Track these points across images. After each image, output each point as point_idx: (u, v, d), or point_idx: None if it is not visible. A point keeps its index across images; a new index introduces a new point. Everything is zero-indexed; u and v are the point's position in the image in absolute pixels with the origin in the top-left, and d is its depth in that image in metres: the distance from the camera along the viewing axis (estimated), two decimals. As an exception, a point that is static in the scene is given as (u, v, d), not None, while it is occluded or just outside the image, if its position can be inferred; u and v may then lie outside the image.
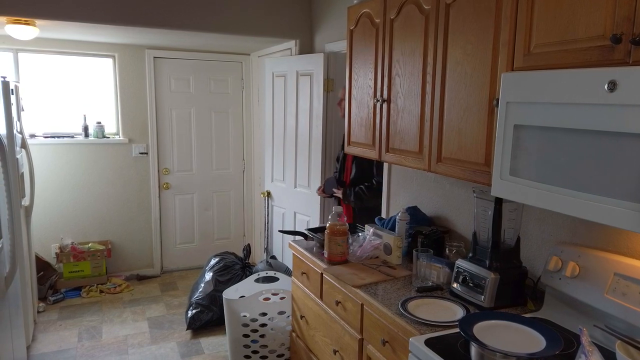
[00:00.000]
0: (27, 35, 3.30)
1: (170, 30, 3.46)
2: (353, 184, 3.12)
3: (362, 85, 2.43)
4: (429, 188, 2.57)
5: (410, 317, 1.70)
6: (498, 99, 1.55)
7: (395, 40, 2.15)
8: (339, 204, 3.19)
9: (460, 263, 1.89)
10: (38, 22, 3.19)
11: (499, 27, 1.60)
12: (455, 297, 1.89)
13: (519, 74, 1.46)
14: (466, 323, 1.46)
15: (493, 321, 1.51)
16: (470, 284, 1.82)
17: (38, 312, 3.81)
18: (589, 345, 1.19)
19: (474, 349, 1.37)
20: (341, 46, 3.30)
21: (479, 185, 1.83)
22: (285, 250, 4.08)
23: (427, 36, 1.94)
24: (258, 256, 4.78)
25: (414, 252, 2.04)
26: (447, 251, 2.17)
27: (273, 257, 4.07)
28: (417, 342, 1.53)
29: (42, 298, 4.02)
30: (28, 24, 3.19)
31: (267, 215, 4.34)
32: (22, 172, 3.35)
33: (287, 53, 3.97)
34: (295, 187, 3.90)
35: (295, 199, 3.91)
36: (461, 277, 1.87)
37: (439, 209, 2.50)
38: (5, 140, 2.44)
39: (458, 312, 1.75)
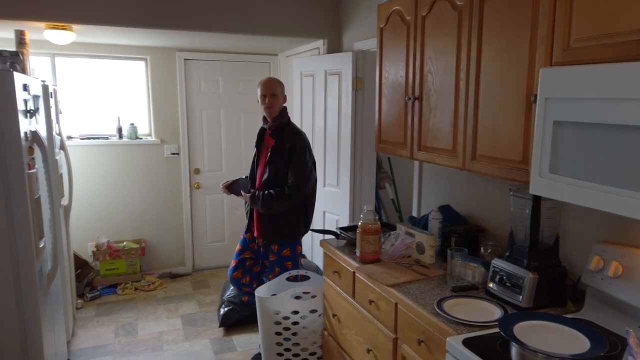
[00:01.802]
0: (65, 39, 3.41)
1: (199, 33, 3.52)
2: (264, 187, 2.90)
3: (392, 84, 2.42)
4: (462, 187, 2.54)
5: (447, 316, 1.68)
6: (536, 95, 1.52)
7: (427, 38, 2.13)
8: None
9: (497, 262, 1.86)
10: (74, 27, 3.29)
11: (537, 21, 1.57)
12: (491, 296, 1.86)
13: (558, 69, 1.43)
14: (506, 323, 1.44)
15: (533, 322, 1.48)
16: (507, 284, 1.79)
17: (77, 308, 3.93)
18: (637, 347, 1.16)
19: (514, 350, 1.35)
20: (370, 44, 3.28)
21: (515, 184, 1.80)
22: (315, 249, 4.10)
23: (461, 33, 1.91)
24: (287, 255, 4.80)
25: (448, 251, 2.02)
26: (482, 250, 2.14)
27: (302, 256, 4.09)
28: (454, 342, 1.52)
29: (80, 295, 4.14)
30: (65, 29, 3.29)
31: (296, 214, 4.35)
32: (61, 173, 3.46)
33: (315, 52, 3.98)
34: (324, 186, 3.91)
35: (324, 198, 3.92)
36: (498, 277, 1.84)
37: (473, 207, 2.46)
38: (46, 142, 2.53)
39: (495, 312, 1.73)
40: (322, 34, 3.78)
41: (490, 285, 1.88)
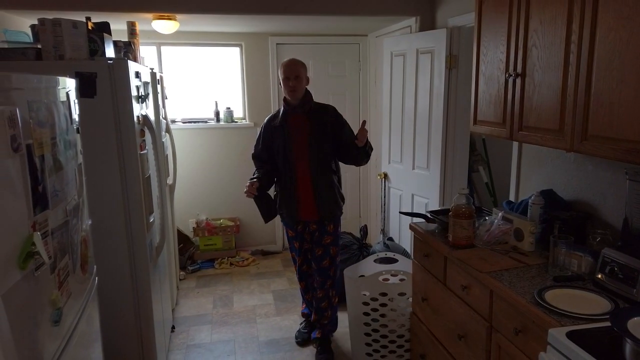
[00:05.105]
0: (169, 29, 3.64)
1: (292, 16, 3.57)
2: (317, 164, 2.96)
3: (492, 60, 2.29)
4: (567, 170, 2.35)
5: (549, 307, 1.59)
6: (663, 67, 1.35)
7: (533, 8, 1.98)
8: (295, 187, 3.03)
9: (608, 252, 1.71)
10: (179, 16, 3.51)
11: (667, -17, 1.39)
12: (600, 288, 1.72)
13: (694, 37, 1.26)
14: (618, 317, 1.32)
15: (651, 318, 1.35)
16: (619, 276, 1.64)
17: (179, 279, 4.27)
18: None
19: (628, 347, 1.24)
20: (466, 20, 3.12)
21: (633, 166, 1.63)
22: (402, 232, 4.05)
23: (573, 1, 1.75)
24: (374, 237, 4.82)
25: (551, 238, 1.89)
26: (590, 239, 1.97)
27: (390, 239, 4.07)
28: (557, 334, 1.42)
29: (182, 267, 4.49)
30: (170, 19, 3.52)
31: (384, 197, 4.34)
32: (167, 154, 3.73)
33: (406, 31, 3.87)
34: (414, 168, 3.83)
35: (413, 181, 3.85)
36: (608, 268, 1.69)
37: (579, 192, 2.28)
38: (155, 126, 2.74)
39: (604, 305, 1.59)
40: (415, 12, 3.66)
41: (599, 276, 1.74)
